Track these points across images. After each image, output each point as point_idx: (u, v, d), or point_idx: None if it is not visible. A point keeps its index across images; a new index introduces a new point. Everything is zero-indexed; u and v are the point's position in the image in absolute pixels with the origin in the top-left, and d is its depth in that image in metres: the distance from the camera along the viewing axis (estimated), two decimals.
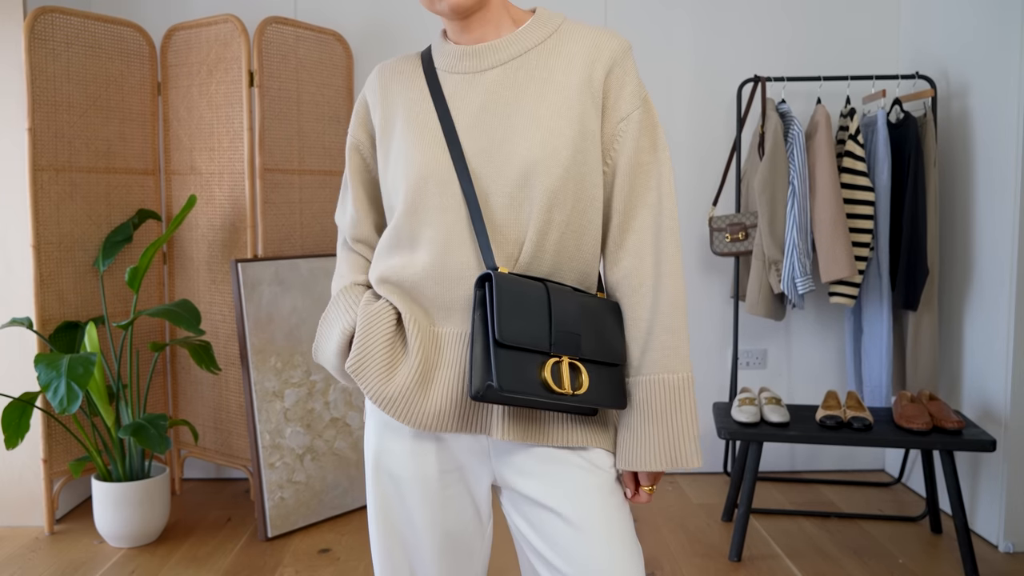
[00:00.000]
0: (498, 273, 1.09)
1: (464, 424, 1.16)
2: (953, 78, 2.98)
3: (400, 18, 3.31)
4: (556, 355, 1.09)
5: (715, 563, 2.57)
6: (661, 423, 1.12)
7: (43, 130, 2.76)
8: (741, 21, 3.31)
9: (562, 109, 1.14)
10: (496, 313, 1.05)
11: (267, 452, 2.74)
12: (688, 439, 1.12)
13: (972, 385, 2.86)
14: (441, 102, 1.17)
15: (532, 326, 1.08)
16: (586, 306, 1.14)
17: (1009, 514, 2.66)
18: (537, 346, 1.08)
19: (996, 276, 2.72)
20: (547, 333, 1.09)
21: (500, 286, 1.07)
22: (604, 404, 1.12)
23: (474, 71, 1.18)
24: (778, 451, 3.42)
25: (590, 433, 1.17)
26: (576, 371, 1.10)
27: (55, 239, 2.80)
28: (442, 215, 1.14)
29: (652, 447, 1.12)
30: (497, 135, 1.14)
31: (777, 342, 3.39)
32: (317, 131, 3.15)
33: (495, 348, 1.05)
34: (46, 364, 2.44)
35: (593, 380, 1.11)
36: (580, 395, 1.09)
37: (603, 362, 1.14)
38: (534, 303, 1.09)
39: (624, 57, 1.18)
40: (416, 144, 1.17)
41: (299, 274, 2.88)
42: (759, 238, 2.99)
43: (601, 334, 1.14)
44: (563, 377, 1.08)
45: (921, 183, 2.86)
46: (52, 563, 2.59)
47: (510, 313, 1.07)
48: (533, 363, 1.07)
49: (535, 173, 1.12)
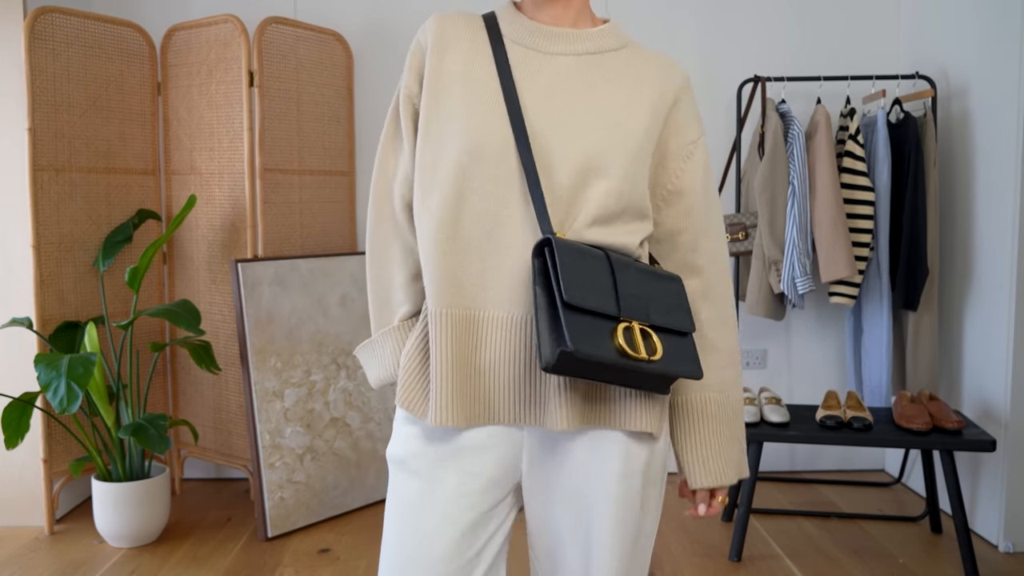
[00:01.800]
0: (558, 239, 1.05)
1: (516, 413, 1.11)
2: (953, 78, 2.98)
3: (400, 18, 3.31)
4: (626, 320, 1.05)
5: (715, 563, 2.57)
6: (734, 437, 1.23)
7: (43, 130, 2.76)
8: (741, 21, 3.31)
9: (633, 111, 1.16)
10: (561, 275, 1.01)
11: (267, 452, 2.74)
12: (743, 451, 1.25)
13: (972, 385, 2.86)
14: (506, 71, 1.13)
15: (597, 290, 1.04)
16: (648, 274, 1.13)
17: (1009, 514, 2.66)
18: (606, 310, 1.04)
19: (996, 276, 2.72)
20: (614, 297, 1.05)
21: (561, 249, 1.03)
22: (683, 372, 1.09)
23: (546, 51, 1.16)
24: (778, 451, 3.42)
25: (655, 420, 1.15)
26: (648, 337, 1.07)
27: (55, 239, 2.80)
28: (495, 185, 1.10)
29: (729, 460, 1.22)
30: (567, 116, 1.12)
31: (777, 342, 3.39)
32: (317, 131, 3.15)
33: (564, 311, 1.00)
34: (46, 364, 2.44)
35: (666, 347, 1.09)
36: (656, 361, 1.05)
37: (673, 330, 1.11)
38: (596, 268, 1.06)
39: (689, 87, 1.24)
40: (476, 109, 1.12)
41: (299, 274, 2.88)
42: (759, 238, 2.99)
43: (667, 302, 1.12)
44: (637, 342, 1.04)
45: (921, 183, 2.86)
46: (52, 563, 2.59)
47: (574, 276, 1.02)
48: (604, 328, 1.03)
49: (599, 159, 1.11)
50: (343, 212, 3.29)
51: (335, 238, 3.24)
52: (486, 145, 1.10)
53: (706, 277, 1.22)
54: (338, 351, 2.95)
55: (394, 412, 3.10)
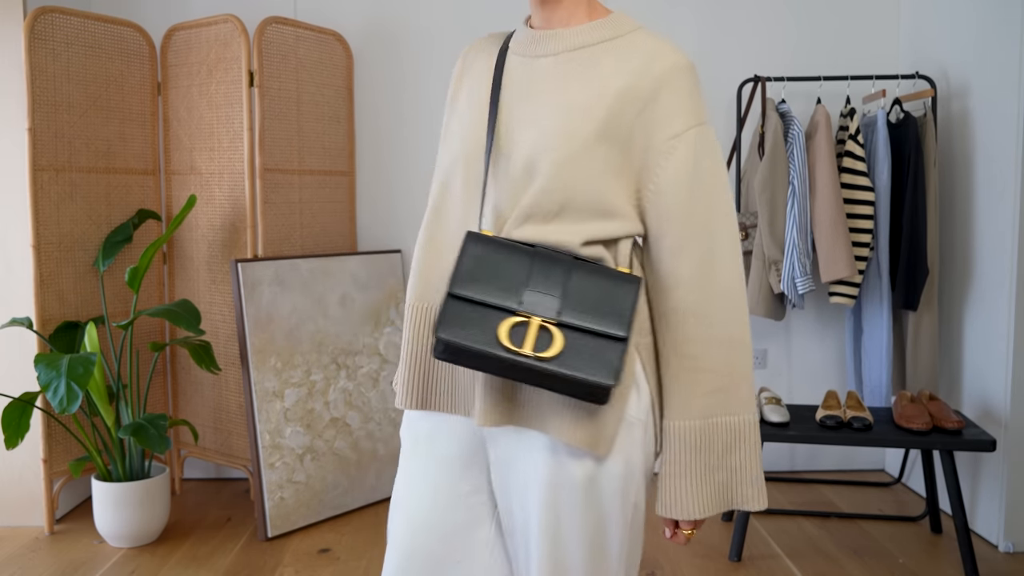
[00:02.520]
0: (475, 233, 1.09)
1: (457, 404, 1.19)
2: (953, 78, 2.98)
3: (400, 18, 3.31)
4: (524, 315, 1.05)
5: (715, 563, 2.57)
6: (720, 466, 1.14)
7: (43, 130, 2.76)
8: (742, 21, 3.31)
9: (591, 106, 1.11)
10: (456, 267, 1.07)
11: (267, 452, 2.74)
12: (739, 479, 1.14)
13: (972, 385, 2.86)
14: (497, 82, 1.18)
15: (501, 284, 1.06)
16: (589, 272, 1.08)
17: (1009, 514, 2.66)
18: (501, 303, 1.05)
19: (996, 276, 2.72)
20: (519, 292, 1.06)
21: (469, 244, 1.08)
22: (583, 376, 1.02)
23: (532, 55, 1.19)
24: (778, 451, 3.42)
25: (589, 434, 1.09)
26: (547, 334, 1.04)
27: (55, 239, 2.80)
28: (464, 189, 1.19)
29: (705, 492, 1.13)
30: (532, 117, 1.14)
31: (777, 342, 3.39)
32: (317, 131, 3.15)
33: (448, 300, 1.05)
34: (46, 364, 2.44)
35: (569, 347, 1.03)
36: (547, 359, 1.02)
37: (592, 331, 1.05)
38: (512, 264, 1.08)
39: (680, 74, 1.12)
40: (466, 123, 1.20)
41: (299, 274, 2.88)
42: (759, 238, 2.99)
43: (599, 303, 1.06)
44: (526, 337, 1.03)
45: (921, 183, 2.86)
46: (52, 563, 2.59)
47: (476, 270, 1.06)
48: (494, 320, 1.05)
49: (537, 157, 1.11)
50: (343, 212, 3.29)
51: (335, 238, 3.24)
52: (467, 153, 1.18)
53: (691, 288, 1.11)
54: (338, 351, 2.95)
55: (395, 413, 3.10)
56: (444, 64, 3.31)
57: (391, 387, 1.20)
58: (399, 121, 3.34)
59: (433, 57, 3.31)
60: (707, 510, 1.12)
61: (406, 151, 3.35)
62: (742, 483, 1.12)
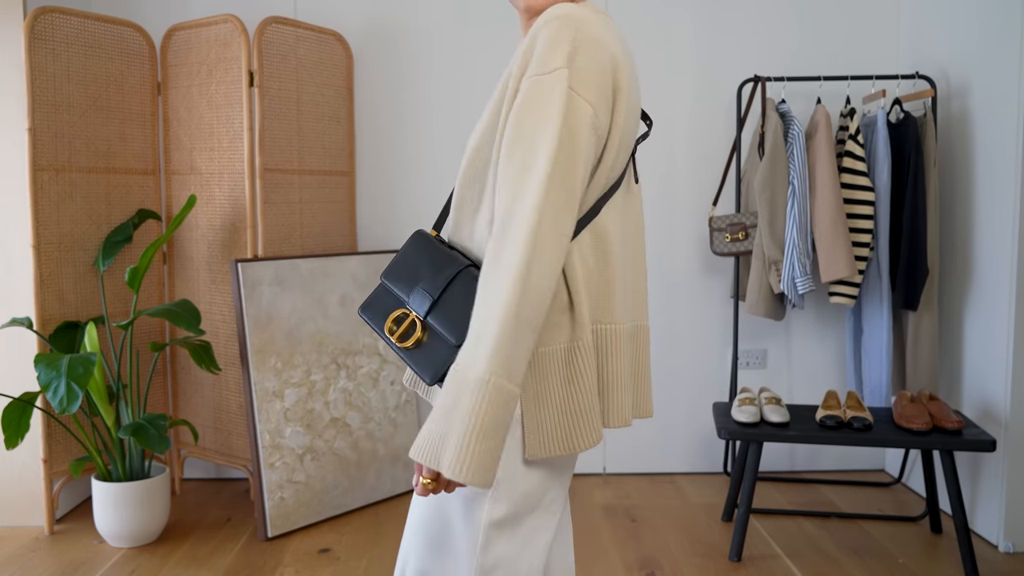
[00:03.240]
0: (420, 231, 1.24)
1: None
2: (953, 78, 2.98)
3: (400, 18, 3.31)
4: (407, 309, 1.18)
5: (715, 563, 2.57)
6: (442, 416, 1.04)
7: (43, 130, 2.76)
8: (741, 21, 3.31)
9: (495, 97, 1.17)
10: (395, 256, 1.24)
11: (267, 452, 2.74)
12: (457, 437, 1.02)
13: (972, 385, 2.86)
14: None
15: (409, 280, 1.19)
16: (464, 278, 1.14)
17: (1009, 514, 2.66)
18: (402, 294, 1.20)
19: (996, 276, 2.72)
20: (411, 288, 1.19)
21: (410, 240, 1.24)
22: (414, 367, 1.15)
23: None
24: (778, 451, 3.42)
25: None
26: (414, 327, 1.16)
27: (55, 239, 2.80)
28: None
29: (427, 438, 1.04)
30: None
31: (777, 342, 3.39)
32: (317, 131, 3.15)
33: (381, 283, 1.25)
34: (46, 364, 2.44)
35: (425, 345, 1.15)
36: (401, 347, 1.16)
37: (443, 335, 1.13)
38: (426, 262, 1.19)
39: (538, 28, 1.09)
40: None
41: (299, 274, 2.88)
42: (759, 238, 2.99)
43: (456, 308, 1.12)
44: (401, 327, 1.17)
45: (921, 183, 2.86)
46: (52, 563, 2.59)
47: (405, 262, 1.21)
48: (391, 307, 1.21)
49: (465, 158, 1.19)
50: (343, 212, 3.29)
51: (335, 238, 3.24)
52: None
53: (492, 229, 1.07)
54: (338, 351, 2.95)
55: (394, 413, 3.10)
56: (444, 64, 3.32)
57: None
58: (399, 121, 3.34)
59: (433, 57, 3.31)
60: (417, 455, 1.04)
61: (406, 151, 3.35)
62: (447, 446, 1.01)
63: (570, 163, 1.05)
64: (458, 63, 3.31)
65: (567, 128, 1.05)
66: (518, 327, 1.00)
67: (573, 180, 1.05)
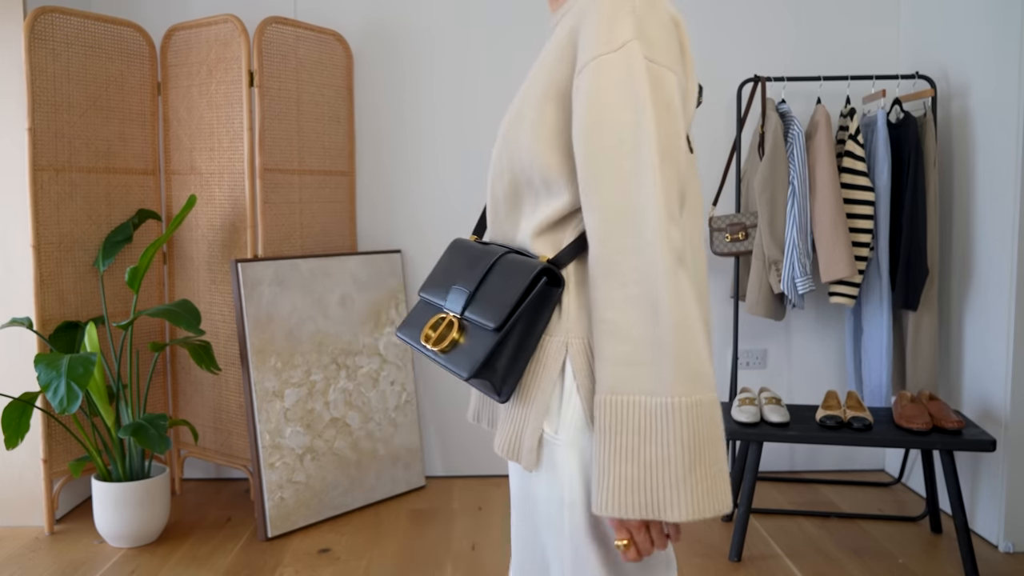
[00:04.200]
0: (456, 239, 1.15)
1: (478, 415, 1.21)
2: (953, 78, 2.98)
3: (400, 18, 3.31)
4: (446, 312, 1.07)
5: (715, 563, 2.57)
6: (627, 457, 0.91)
7: (43, 130, 2.76)
8: (741, 21, 3.31)
9: (539, 77, 1.03)
10: (432, 271, 1.15)
11: (267, 452, 2.74)
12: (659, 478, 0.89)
13: (972, 385, 2.86)
14: None
15: (442, 283, 1.11)
16: (503, 263, 1.03)
17: (1009, 514, 2.66)
18: (437, 300, 1.10)
19: (996, 276, 2.72)
20: (446, 290, 1.09)
21: (449, 248, 1.15)
22: (452, 369, 1.00)
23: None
24: (778, 451, 3.42)
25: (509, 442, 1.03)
26: (451, 328, 1.04)
27: (55, 239, 2.80)
28: None
29: (618, 485, 0.90)
30: None
31: (777, 342, 3.39)
32: (317, 131, 3.15)
33: (419, 295, 1.16)
34: (46, 364, 2.44)
35: (465, 342, 1.01)
36: (439, 352, 1.03)
37: (479, 324, 1.01)
38: (462, 262, 1.10)
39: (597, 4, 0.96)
40: None
41: (299, 274, 2.88)
42: (759, 238, 2.99)
43: (500, 292, 1.00)
44: (437, 332, 1.04)
45: (921, 183, 2.86)
46: (52, 563, 2.59)
47: (439, 269, 1.13)
48: (427, 316, 1.10)
49: (504, 143, 1.07)
50: (343, 212, 3.29)
51: (335, 238, 3.24)
52: None
53: (598, 238, 0.93)
54: (338, 351, 2.95)
55: (394, 413, 3.10)
56: (444, 64, 3.32)
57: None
58: (399, 121, 3.34)
59: (433, 57, 3.31)
60: (614, 508, 0.89)
61: (406, 151, 3.35)
62: (660, 485, 0.87)
63: (672, 143, 0.92)
64: (458, 63, 3.31)
65: (660, 105, 0.92)
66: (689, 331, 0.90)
67: (679, 160, 0.93)
